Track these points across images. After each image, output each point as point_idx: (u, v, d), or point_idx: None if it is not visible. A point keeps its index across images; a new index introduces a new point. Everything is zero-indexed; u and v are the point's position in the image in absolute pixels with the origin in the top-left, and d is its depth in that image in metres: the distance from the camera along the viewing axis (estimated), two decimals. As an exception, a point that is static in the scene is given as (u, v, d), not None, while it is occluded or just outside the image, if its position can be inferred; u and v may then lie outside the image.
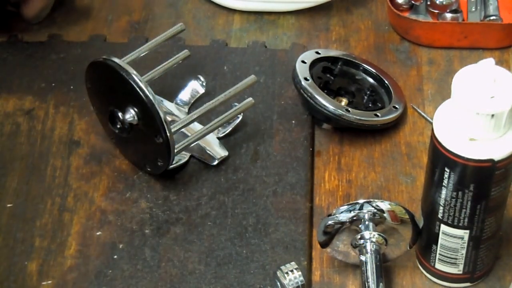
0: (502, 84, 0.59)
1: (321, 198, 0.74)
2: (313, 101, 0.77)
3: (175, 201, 0.73)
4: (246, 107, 0.76)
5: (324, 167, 0.77)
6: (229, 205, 0.73)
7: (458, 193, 0.62)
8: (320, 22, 0.90)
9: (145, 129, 0.71)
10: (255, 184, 0.74)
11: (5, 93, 0.82)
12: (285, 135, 0.78)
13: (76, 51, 0.86)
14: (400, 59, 0.86)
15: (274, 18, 0.90)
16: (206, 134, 0.74)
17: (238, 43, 0.88)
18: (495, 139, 0.60)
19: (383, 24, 0.90)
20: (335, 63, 0.82)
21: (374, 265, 0.66)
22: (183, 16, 0.91)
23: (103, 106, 0.75)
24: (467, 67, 0.61)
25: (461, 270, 0.67)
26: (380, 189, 0.75)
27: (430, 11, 0.89)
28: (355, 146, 0.78)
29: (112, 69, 0.71)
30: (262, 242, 0.70)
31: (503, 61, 0.85)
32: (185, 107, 0.80)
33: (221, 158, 0.76)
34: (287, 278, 0.64)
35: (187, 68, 0.83)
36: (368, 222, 0.66)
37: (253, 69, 0.83)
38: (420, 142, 0.78)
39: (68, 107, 0.81)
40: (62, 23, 0.90)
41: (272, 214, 0.72)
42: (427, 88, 0.83)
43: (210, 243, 0.70)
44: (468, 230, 0.64)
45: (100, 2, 0.92)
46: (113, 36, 0.88)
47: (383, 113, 0.78)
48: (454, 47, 0.86)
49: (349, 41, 0.88)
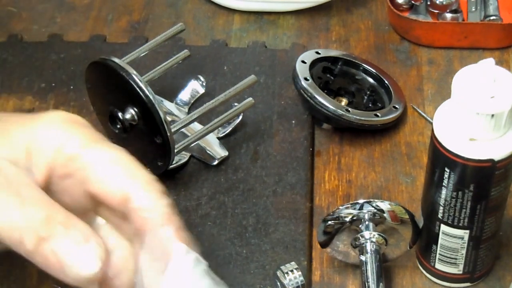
0: (502, 84, 0.59)
1: (321, 198, 0.74)
2: (313, 101, 0.77)
3: (175, 201, 0.73)
4: (246, 107, 0.76)
5: (324, 167, 0.77)
6: (229, 205, 0.73)
7: (458, 193, 0.62)
8: (320, 22, 0.90)
9: (145, 129, 0.71)
10: (255, 184, 0.74)
11: (5, 93, 0.82)
12: (285, 135, 0.78)
13: (76, 51, 0.86)
14: (400, 59, 0.86)
15: (274, 18, 0.90)
16: (206, 134, 0.74)
17: (238, 43, 0.88)
18: (495, 139, 0.60)
19: (383, 24, 0.90)
20: (335, 63, 0.82)
21: (374, 265, 0.66)
22: (183, 16, 0.91)
23: (103, 106, 0.75)
24: (467, 67, 0.61)
25: (461, 270, 0.67)
26: (380, 189, 0.75)
27: (430, 11, 0.89)
28: (355, 146, 0.78)
29: (112, 69, 0.71)
30: (262, 242, 0.70)
31: (503, 61, 0.85)
32: (185, 107, 0.80)
33: (221, 158, 0.76)
34: (287, 278, 0.64)
35: (187, 68, 0.83)
36: (368, 222, 0.66)
37: (253, 69, 0.83)
38: (420, 142, 0.78)
39: (68, 107, 0.81)
40: (62, 23, 0.90)
41: (272, 214, 0.72)
42: (427, 88, 0.83)
43: (210, 243, 0.70)
44: (468, 230, 0.64)
45: (100, 2, 0.92)
46: (113, 36, 0.88)
47: (383, 113, 0.78)
48: (454, 47, 0.86)
49: (349, 41, 0.88)
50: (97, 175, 0.53)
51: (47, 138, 0.53)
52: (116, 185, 0.53)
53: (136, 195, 0.52)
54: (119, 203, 0.53)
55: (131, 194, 0.52)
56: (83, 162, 0.53)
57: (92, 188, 0.53)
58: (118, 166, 0.53)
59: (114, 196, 0.53)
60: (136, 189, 0.53)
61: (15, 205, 0.50)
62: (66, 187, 0.54)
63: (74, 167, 0.53)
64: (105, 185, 0.53)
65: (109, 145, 0.54)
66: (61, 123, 0.54)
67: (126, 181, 0.53)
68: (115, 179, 0.53)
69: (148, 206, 0.52)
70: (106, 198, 0.53)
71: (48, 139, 0.53)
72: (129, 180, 0.53)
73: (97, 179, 0.53)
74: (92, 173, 0.53)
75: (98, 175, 0.53)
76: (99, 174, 0.53)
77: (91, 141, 0.54)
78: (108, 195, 0.53)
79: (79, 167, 0.53)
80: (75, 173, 0.53)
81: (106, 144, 0.54)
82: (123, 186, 0.53)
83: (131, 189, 0.53)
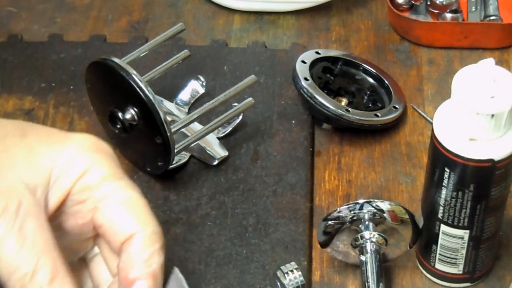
0: (502, 84, 0.59)
1: (321, 198, 0.74)
2: (313, 101, 0.77)
3: (175, 201, 0.73)
4: (246, 107, 0.76)
5: (324, 167, 0.77)
6: (229, 205, 0.73)
7: (458, 193, 0.62)
8: (320, 22, 0.90)
9: (145, 129, 0.71)
10: (255, 184, 0.74)
11: (5, 93, 0.82)
12: (285, 135, 0.78)
13: (76, 51, 0.86)
14: (400, 59, 0.86)
15: (274, 18, 0.90)
16: (206, 134, 0.74)
17: (238, 43, 0.88)
18: (495, 139, 0.60)
19: (383, 24, 0.90)
20: (335, 63, 0.82)
21: (374, 265, 0.66)
22: (183, 16, 0.91)
23: (103, 106, 0.75)
24: (467, 67, 0.61)
25: (461, 270, 0.67)
26: (380, 189, 0.75)
27: (430, 11, 0.89)
28: (355, 146, 0.78)
29: (112, 69, 0.71)
30: (262, 242, 0.70)
31: (503, 61, 0.85)
32: (185, 107, 0.80)
33: (221, 158, 0.76)
34: (287, 278, 0.64)
35: (187, 68, 0.83)
36: (368, 222, 0.66)
37: (253, 69, 0.83)
38: (420, 142, 0.78)
39: (68, 107, 0.81)
40: (62, 23, 0.90)
41: (272, 214, 0.72)
42: (427, 88, 0.83)
43: (210, 243, 0.70)
44: (468, 230, 0.64)
45: (100, 2, 0.92)
46: (113, 36, 0.88)
47: (383, 113, 0.78)
48: (454, 47, 0.86)
49: (349, 41, 0.88)
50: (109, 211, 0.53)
51: (73, 165, 0.53)
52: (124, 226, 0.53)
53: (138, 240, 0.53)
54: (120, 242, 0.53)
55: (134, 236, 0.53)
56: (99, 193, 0.53)
57: (99, 221, 0.53)
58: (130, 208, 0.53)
59: (119, 236, 0.53)
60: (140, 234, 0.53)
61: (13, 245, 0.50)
62: (76, 211, 0.54)
63: (89, 196, 0.53)
64: (114, 223, 0.53)
65: (127, 184, 0.54)
66: (89, 149, 0.54)
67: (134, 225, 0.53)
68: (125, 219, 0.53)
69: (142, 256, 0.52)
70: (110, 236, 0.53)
71: (74, 166, 0.53)
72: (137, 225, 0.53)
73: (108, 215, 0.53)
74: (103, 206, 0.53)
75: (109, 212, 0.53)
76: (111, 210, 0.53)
77: (112, 175, 0.54)
78: (113, 234, 0.53)
79: (94, 197, 0.53)
80: (89, 200, 0.53)
81: (125, 182, 0.54)
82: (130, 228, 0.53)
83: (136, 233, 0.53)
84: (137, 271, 0.52)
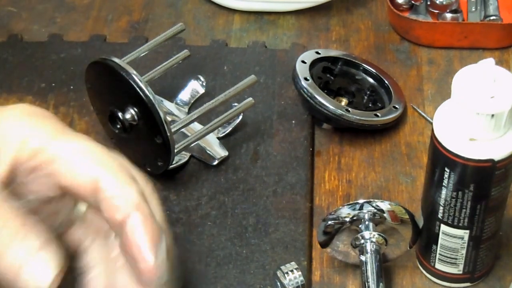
0: (502, 84, 0.59)
1: (321, 198, 0.74)
2: (313, 101, 0.77)
3: (175, 201, 0.73)
4: (246, 107, 0.76)
5: (324, 167, 0.77)
6: (229, 205, 0.73)
7: (458, 193, 0.62)
8: (320, 22, 0.90)
9: (145, 129, 0.71)
10: (255, 184, 0.74)
11: (5, 93, 0.82)
12: (285, 135, 0.78)
13: (76, 51, 0.86)
14: (400, 59, 0.86)
15: (274, 18, 0.90)
16: (206, 134, 0.74)
17: (238, 43, 0.88)
18: (495, 139, 0.60)
19: (383, 24, 0.90)
20: (335, 63, 0.82)
21: (374, 265, 0.66)
22: (183, 16, 0.91)
23: (103, 106, 0.75)
24: (467, 67, 0.61)
25: (461, 270, 0.67)
26: (380, 189, 0.75)
27: (430, 11, 0.89)
28: (355, 146, 0.78)
29: (112, 69, 0.71)
30: (262, 242, 0.70)
31: (503, 61, 0.85)
32: (185, 107, 0.80)
33: (221, 158, 0.76)
34: (287, 278, 0.64)
35: (187, 68, 0.83)
36: (368, 222, 0.66)
37: (253, 69, 0.83)
38: (420, 142, 0.78)
39: (68, 107, 0.81)
40: (62, 23, 0.90)
41: (272, 214, 0.72)
42: (427, 88, 0.83)
43: (210, 243, 0.70)
44: (468, 230, 0.64)
45: (100, 2, 0.92)
46: (113, 36, 0.88)
47: (383, 113, 0.78)
48: (454, 47, 0.86)
49: (349, 41, 0.88)
50: (65, 166, 0.52)
51: (11, 132, 0.52)
52: (85, 174, 0.51)
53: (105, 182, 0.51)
54: (90, 192, 0.51)
55: (100, 181, 0.51)
56: (49, 155, 0.52)
57: (62, 181, 0.52)
58: (85, 154, 0.52)
59: (84, 185, 0.51)
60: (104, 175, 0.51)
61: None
62: (34, 180, 0.52)
63: (41, 161, 0.52)
64: (74, 175, 0.51)
65: (74, 135, 0.53)
66: (25, 116, 0.53)
67: (95, 168, 0.51)
68: (83, 168, 0.51)
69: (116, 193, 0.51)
70: (76, 189, 0.52)
71: (12, 133, 0.52)
72: (97, 167, 0.51)
73: (66, 171, 0.52)
74: (60, 165, 0.52)
75: (66, 167, 0.52)
76: (67, 165, 0.52)
77: (57, 132, 0.53)
78: (78, 186, 0.51)
79: (45, 160, 0.52)
80: (42, 166, 0.52)
81: (72, 135, 0.53)
82: (91, 173, 0.51)
83: (100, 176, 0.51)
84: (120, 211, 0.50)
